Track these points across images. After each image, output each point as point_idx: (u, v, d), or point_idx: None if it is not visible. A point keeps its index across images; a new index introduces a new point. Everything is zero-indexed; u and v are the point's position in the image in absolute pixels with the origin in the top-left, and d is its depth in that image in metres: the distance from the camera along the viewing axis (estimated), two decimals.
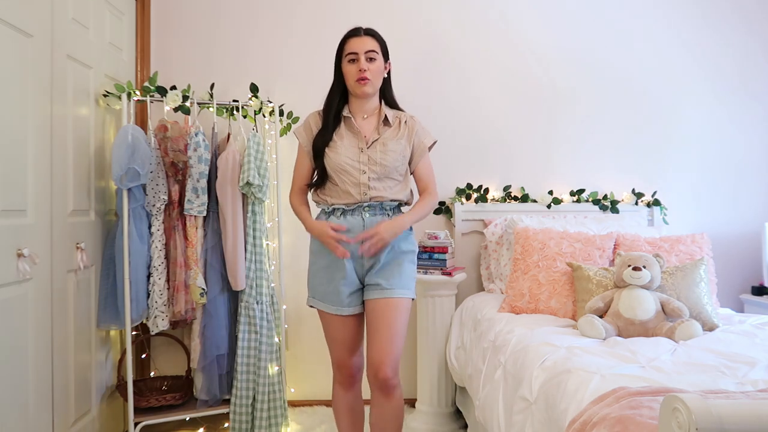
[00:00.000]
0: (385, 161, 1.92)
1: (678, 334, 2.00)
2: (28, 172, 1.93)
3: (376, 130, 1.96)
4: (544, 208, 3.13)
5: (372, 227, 1.90)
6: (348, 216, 1.93)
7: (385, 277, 1.92)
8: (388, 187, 1.95)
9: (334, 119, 1.95)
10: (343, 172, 1.91)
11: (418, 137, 2.02)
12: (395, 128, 1.99)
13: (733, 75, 3.34)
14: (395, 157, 1.93)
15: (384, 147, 1.93)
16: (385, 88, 2.02)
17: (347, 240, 1.88)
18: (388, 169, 1.93)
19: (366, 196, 1.91)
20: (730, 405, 0.91)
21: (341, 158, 1.91)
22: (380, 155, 1.92)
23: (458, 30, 3.18)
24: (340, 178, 1.92)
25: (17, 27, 1.85)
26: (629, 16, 3.28)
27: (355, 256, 1.91)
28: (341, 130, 1.96)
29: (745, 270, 3.33)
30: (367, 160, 1.91)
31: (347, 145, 1.92)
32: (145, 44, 2.94)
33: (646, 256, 2.21)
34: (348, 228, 1.92)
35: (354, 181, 1.91)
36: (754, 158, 3.35)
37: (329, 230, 1.88)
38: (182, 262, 2.53)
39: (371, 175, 1.91)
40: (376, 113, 2.00)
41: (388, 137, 1.95)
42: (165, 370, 2.90)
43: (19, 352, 1.86)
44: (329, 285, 1.94)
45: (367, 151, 1.92)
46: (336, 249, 1.87)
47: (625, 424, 1.19)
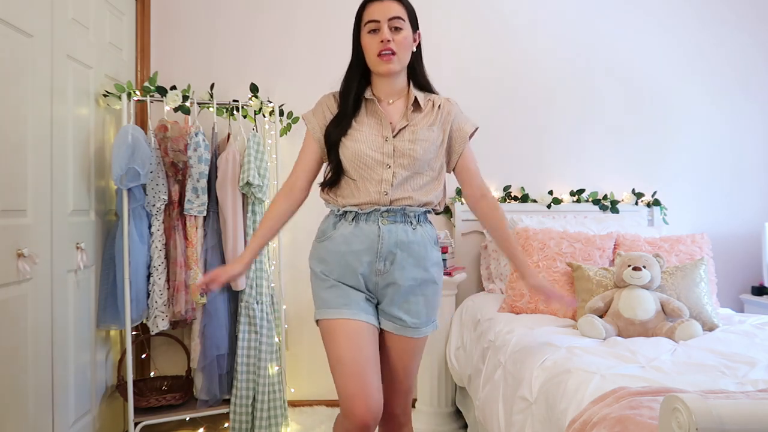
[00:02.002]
0: (415, 152, 1.56)
1: (678, 334, 2.00)
2: (28, 172, 1.93)
3: (404, 116, 1.61)
4: (544, 208, 3.13)
5: (532, 283, 1.71)
6: (361, 223, 1.57)
7: (408, 310, 1.60)
8: (417, 187, 1.59)
9: (354, 103, 1.61)
10: (363, 165, 1.56)
11: (457, 123, 1.66)
12: (427, 113, 1.63)
13: (733, 75, 3.34)
14: (427, 148, 1.58)
15: (413, 136, 1.58)
16: (414, 65, 1.65)
17: None
18: (419, 163, 1.57)
19: (386, 197, 1.55)
20: (730, 405, 0.91)
21: (361, 148, 1.55)
22: (409, 145, 1.56)
23: (458, 29, 3.18)
24: (359, 173, 1.57)
25: (17, 27, 1.85)
26: (629, 17, 3.28)
27: (366, 269, 1.58)
28: (361, 116, 1.61)
29: (745, 270, 3.33)
30: (392, 151, 1.56)
31: (368, 133, 1.57)
32: (145, 44, 2.94)
33: (646, 256, 2.21)
34: (360, 242, 1.57)
35: (375, 177, 1.56)
36: (754, 158, 3.35)
37: (213, 278, 1.57)
38: (182, 262, 2.53)
39: (397, 170, 1.56)
40: (403, 96, 1.65)
41: (418, 124, 1.60)
42: (165, 370, 2.90)
43: (19, 352, 1.86)
44: (338, 288, 1.59)
45: (393, 141, 1.57)
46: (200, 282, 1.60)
47: (625, 424, 1.19)
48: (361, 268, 1.57)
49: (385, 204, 1.56)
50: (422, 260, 1.60)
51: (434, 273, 1.64)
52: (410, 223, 1.59)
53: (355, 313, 1.54)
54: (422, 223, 1.63)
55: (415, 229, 1.60)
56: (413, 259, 1.59)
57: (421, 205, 1.60)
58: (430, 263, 1.62)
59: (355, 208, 1.57)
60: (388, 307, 1.60)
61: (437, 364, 2.75)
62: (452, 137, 1.67)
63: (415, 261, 1.59)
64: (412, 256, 1.58)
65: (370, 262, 1.57)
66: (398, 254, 1.57)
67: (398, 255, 1.57)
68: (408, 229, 1.59)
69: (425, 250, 1.61)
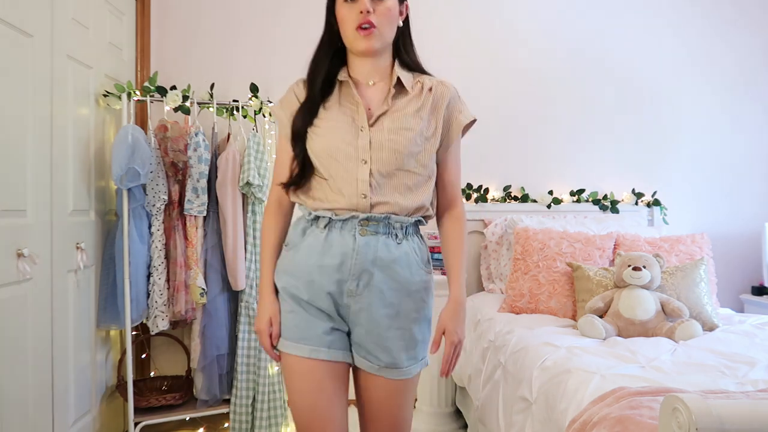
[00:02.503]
0: (396, 144, 1.28)
1: (678, 334, 2.00)
2: (28, 172, 1.93)
3: (385, 100, 1.33)
4: (544, 208, 3.13)
5: (447, 336, 1.32)
6: (335, 231, 1.30)
7: (386, 347, 1.31)
8: (404, 189, 1.31)
9: (323, 86, 1.34)
10: (333, 161, 1.29)
11: (450, 111, 1.37)
12: (414, 97, 1.34)
13: (734, 75, 3.34)
14: (412, 139, 1.29)
15: (395, 124, 1.30)
16: (400, 42, 1.37)
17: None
18: (401, 158, 1.29)
19: (364, 200, 1.28)
20: (730, 405, 0.91)
21: (330, 140, 1.29)
22: (388, 135, 1.28)
23: (457, 29, 3.18)
24: (330, 171, 1.30)
25: (17, 27, 1.85)
26: (631, 17, 3.28)
27: (335, 289, 1.30)
28: (332, 102, 1.34)
29: (745, 270, 3.33)
30: (368, 144, 1.28)
31: (340, 122, 1.30)
32: (145, 44, 2.94)
33: (646, 256, 2.21)
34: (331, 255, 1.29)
35: (349, 176, 1.28)
36: (754, 158, 3.35)
37: (267, 330, 1.34)
38: (182, 262, 2.53)
39: (375, 167, 1.28)
40: (387, 78, 1.36)
41: (401, 109, 1.32)
42: (165, 370, 2.90)
43: (19, 352, 1.86)
44: (298, 314, 1.31)
45: (370, 131, 1.29)
46: (267, 350, 1.35)
47: (625, 424, 1.19)
48: (329, 286, 1.29)
49: (364, 210, 1.28)
50: (405, 285, 1.31)
51: (420, 302, 1.34)
52: (395, 236, 1.31)
53: (315, 350, 1.28)
54: (410, 237, 1.34)
55: (400, 243, 1.31)
56: (394, 283, 1.30)
57: (410, 212, 1.32)
58: (415, 289, 1.32)
59: (328, 213, 1.30)
60: (360, 339, 1.32)
61: (437, 364, 2.75)
62: (444, 127, 1.37)
63: (397, 285, 1.30)
64: (392, 278, 1.29)
65: (340, 281, 1.28)
66: (376, 275, 1.28)
67: (376, 276, 1.28)
68: (391, 243, 1.30)
69: (410, 272, 1.31)
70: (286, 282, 1.33)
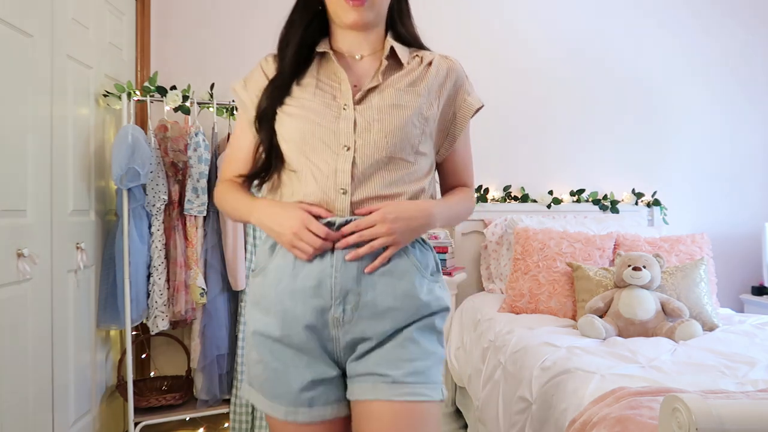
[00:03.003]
0: (389, 125, 1.05)
1: (678, 334, 2.00)
2: (28, 172, 1.93)
3: (376, 73, 1.10)
4: (544, 208, 3.13)
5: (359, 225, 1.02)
6: None
7: (396, 356, 1.02)
8: (394, 181, 1.06)
9: (296, 58, 1.11)
10: (306, 148, 1.06)
11: (457, 90, 1.16)
12: (410, 71, 1.12)
13: (733, 75, 3.34)
14: (408, 118, 1.06)
15: (386, 100, 1.07)
16: (395, 11, 1.17)
17: (321, 237, 1.01)
18: (395, 142, 1.05)
19: (344, 198, 1.04)
20: (730, 405, 0.91)
21: (303, 122, 1.06)
22: (378, 114, 1.05)
23: (458, 29, 3.18)
24: (302, 161, 1.06)
25: (17, 27, 1.85)
26: (630, 17, 3.28)
27: (315, 320, 1.04)
28: (309, 78, 1.11)
29: (745, 270, 3.33)
30: (353, 125, 1.05)
31: (317, 100, 1.07)
32: (145, 44, 2.94)
33: (646, 256, 2.21)
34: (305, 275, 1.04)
35: (326, 167, 1.04)
36: (753, 158, 3.35)
37: (304, 207, 1.04)
38: (182, 262, 2.53)
39: (361, 153, 1.04)
40: (377, 51, 1.15)
41: (394, 84, 1.09)
42: (165, 370, 2.90)
43: (19, 352, 1.86)
44: (268, 366, 1.06)
45: (355, 110, 1.06)
46: (313, 243, 1.02)
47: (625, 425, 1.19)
48: (307, 317, 1.03)
49: (343, 211, 1.04)
50: (408, 301, 1.03)
51: (435, 294, 1.08)
52: None
53: (292, 412, 1.04)
54: (421, 251, 1.10)
55: (393, 255, 1.05)
56: (391, 298, 1.03)
57: None
58: (423, 304, 1.05)
59: None
60: (358, 365, 1.05)
61: None
62: (450, 110, 1.16)
63: (396, 300, 1.03)
64: (388, 292, 1.03)
65: (322, 309, 1.03)
66: (365, 293, 1.02)
67: (365, 294, 1.02)
68: (380, 255, 1.03)
69: (411, 283, 1.04)
70: (255, 322, 1.08)
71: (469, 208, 1.23)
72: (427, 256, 1.11)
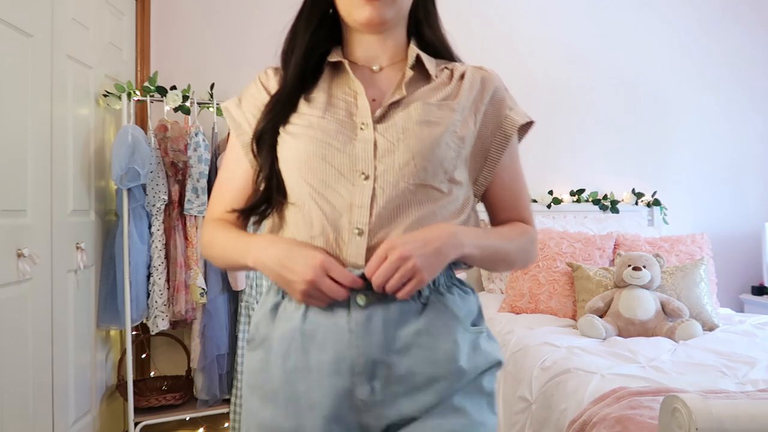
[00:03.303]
0: (418, 145, 0.86)
1: (678, 334, 2.00)
2: (28, 172, 1.93)
3: (398, 86, 0.92)
4: (544, 208, 3.13)
5: None
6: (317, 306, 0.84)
7: (437, 430, 0.82)
8: (423, 217, 0.86)
9: (303, 68, 0.93)
10: (315, 177, 0.87)
11: (495, 105, 0.96)
12: (441, 84, 0.94)
13: (733, 75, 3.34)
14: (439, 137, 0.87)
15: (414, 116, 0.88)
16: (421, 12, 0.99)
17: (346, 285, 0.81)
18: (425, 165, 0.86)
19: (359, 240, 0.84)
20: (730, 405, 0.91)
21: (313, 144, 0.87)
22: (403, 134, 0.86)
23: (458, 29, 3.18)
24: (308, 192, 0.87)
25: (17, 27, 1.85)
26: (630, 18, 3.28)
27: (335, 405, 0.83)
28: (318, 92, 0.93)
29: (745, 270, 3.33)
30: (372, 148, 0.86)
31: (328, 117, 0.89)
32: (145, 44, 2.94)
33: (646, 256, 2.21)
34: (318, 347, 0.84)
35: (340, 201, 0.85)
36: (753, 158, 3.35)
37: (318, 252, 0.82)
38: (182, 262, 2.53)
39: (382, 183, 0.85)
40: (400, 60, 0.97)
41: (422, 98, 0.91)
42: (165, 370, 2.90)
43: (19, 352, 1.86)
44: (287, 419, 0.85)
45: (375, 130, 0.87)
46: (332, 291, 0.81)
47: (625, 424, 1.19)
48: (326, 404, 0.82)
49: (357, 258, 0.83)
50: (452, 364, 0.83)
51: (473, 379, 0.86)
52: (416, 294, 0.84)
53: None
54: (442, 290, 0.87)
55: (427, 305, 0.85)
56: (433, 366, 0.83)
57: None
58: (471, 367, 0.85)
59: None
60: None
61: None
62: (488, 128, 0.95)
63: (441, 370, 0.83)
64: (428, 359, 0.83)
65: (345, 392, 0.82)
66: (397, 362, 0.83)
67: (397, 364, 0.83)
68: (410, 309, 0.84)
69: (453, 342, 0.84)
70: (257, 415, 0.87)
71: (525, 246, 0.95)
72: (468, 302, 0.90)
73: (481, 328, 0.91)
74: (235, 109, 0.99)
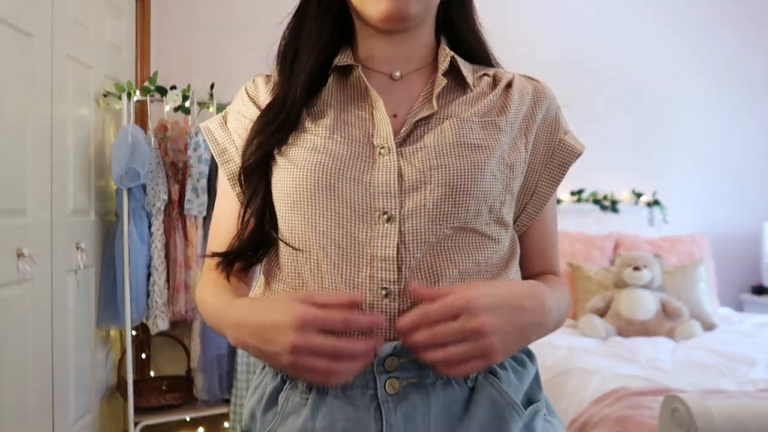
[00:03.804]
0: (458, 175, 0.67)
1: (678, 334, 2.00)
2: (28, 172, 1.92)
3: (426, 98, 0.74)
4: None
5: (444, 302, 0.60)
6: (332, 395, 0.65)
7: None
8: (471, 274, 0.68)
9: (305, 74, 0.75)
10: (319, 213, 0.68)
11: (549, 126, 0.80)
12: (481, 95, 0.76)
13: (734, 76, 3.34)
14: (485, 164, 0.69)
15: (448, 137, 0.69)
16: (453, 9, 0.83)
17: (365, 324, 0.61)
18: (468, 204, 0.67)
19: (387, 307, 0.65)
20: (730, 405, 0.91)
21: (313, 172, 0.68)
22: (438, 160, 0.68)
23: None
24: (307, 235, 0.69)
25: (17, 27, 1.85)
26: (631, 18, 3.28)
27: None
28: (324, 104, 0.75)
29: (745, 270, 3.33)
30: (395, 179, 0.67)
31: (338, 138, 0.70)
32: (145, 44, 2.94)
33: (646, 256, 2.21)
34: None
35: (353, 251, 0.67)
36: (753, 158, 3.36)
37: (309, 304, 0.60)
38: (182, 262, 2.53)
39: (411, 227, 0.66)
40: (426, 65, 0.79)
41: (458, 113, 0.72)
42: (165, 370, 2.90)
43: (19, 352, 1.86)
44: None
45: (400, 153, 0.69)
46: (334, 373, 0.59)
47: (625, 424, 1.20)
48: None
49: (386, 332, 0.65)
50: None
51: None
52: (469, 388, 0.66)
53: None
54: (496, 365, 0.67)
55: (475, 389, 0.66)
56: None
57: None
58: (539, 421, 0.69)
59: None
60: None
61: None
62: (539, 156, 0.77)
63: None
64: None
65: None
66: None
67: None
68: (456, 396, 0.65)
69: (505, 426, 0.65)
70: None
71: (567, 307, 0.77)
72: (524, 378, 0.70)
73: (538, 405, 0.70)
74: (218, 129, 0.80)
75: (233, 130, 0.80)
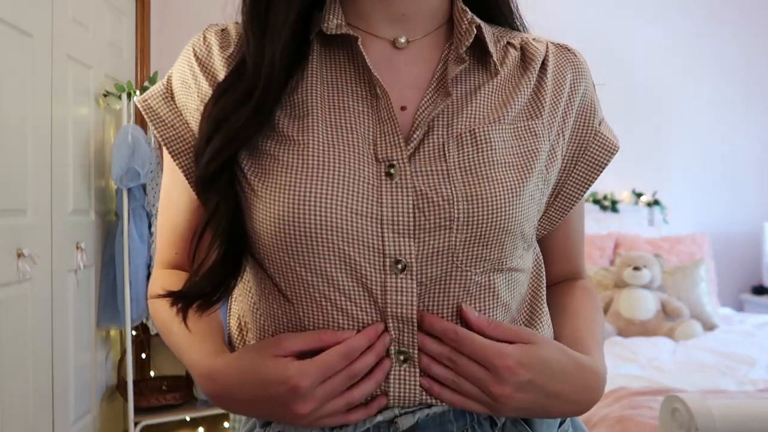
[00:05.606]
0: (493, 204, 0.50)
1: (678, 334, 2.00)
2: (28, 172, 1.92)
3: (441, 83, 0.55)
4: None
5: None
6: None
7: None
8: (496, 315, 0.54)
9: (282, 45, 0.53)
10: (308, 261, 0.50)
11: (585, 114, 0.64)
12: (511, 77, 0.59)
13: (733, 75, 3.34)
14: (523, 186, 0.53)
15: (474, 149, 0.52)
16: None
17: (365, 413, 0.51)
18: (503, 241, 0.52)
19: (406, 371, 0.51)
20: (730, 405, 0.91)
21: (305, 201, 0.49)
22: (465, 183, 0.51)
23: None
24: (294, 285, 0.51)
25: (17, 27, 1.85)
26: (630, 16, 3.28)
27: None
28: (306, 88, 0.54)
29: (745, 270, 3.33)
30: (408, 209, 0.50)
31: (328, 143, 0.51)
32: (145, 44, 2.94)
33: (646, 256, 2.21)
34: None
35: (360, 309, 0.51)
36: (753, 158, 3.35)
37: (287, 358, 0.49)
38: None
39: (431, 275, 0.50)
40: (439, 30, 0.59)
41: (486, 107, 0.55)
42: (165, 370, 2.90)
43: (19, 352, 1.86)
44: None
45: (414, 173, 0.51)
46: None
47: (625, 424, 1.20)
48: None
49: (410, 394, 0.52)
50: None
51: None
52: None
53: None
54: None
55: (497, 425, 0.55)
56: None
57: None
58: None
59: None
60: None
61: None
62: (573, 150, 0.62)
63: None
64: None
65: None
66: None
67: None
68: None
69: None
70: None
71: (601, 317, 0.69)
72: (552, 428, 0.59)
73: (564, 427, 0.61)
74: (162, 106, 0.59)
75: (183, 106, 0.58)
